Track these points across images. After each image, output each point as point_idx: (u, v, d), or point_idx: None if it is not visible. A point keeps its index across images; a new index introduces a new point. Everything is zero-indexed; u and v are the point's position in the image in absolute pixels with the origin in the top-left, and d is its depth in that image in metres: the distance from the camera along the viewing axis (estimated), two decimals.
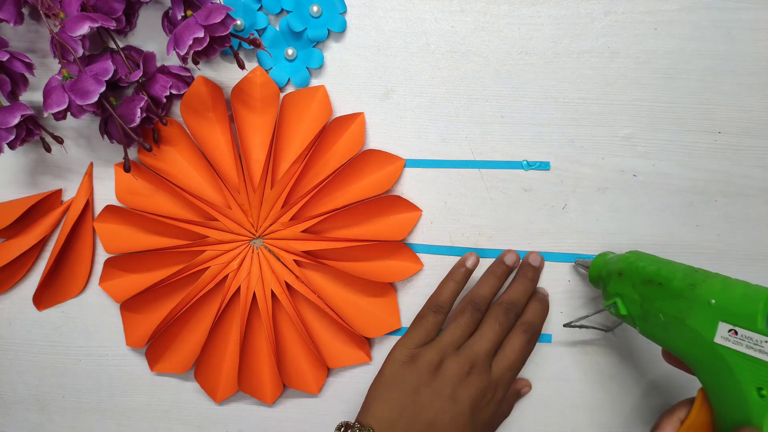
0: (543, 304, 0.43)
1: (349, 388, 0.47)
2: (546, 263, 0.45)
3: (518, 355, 0.40)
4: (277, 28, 0.43)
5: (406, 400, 0.38)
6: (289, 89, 0.44)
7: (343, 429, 0.38)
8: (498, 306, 0.41)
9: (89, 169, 0.46)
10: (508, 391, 0.41)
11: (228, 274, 0.44)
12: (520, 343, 0.40)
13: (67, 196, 0.46)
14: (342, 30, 0.43)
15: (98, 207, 0.45)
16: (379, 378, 0.40)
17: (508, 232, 0.45)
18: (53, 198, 0.46)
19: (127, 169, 0.42)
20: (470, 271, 0.43)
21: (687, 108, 0.43)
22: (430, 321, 0.41)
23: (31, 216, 0.45)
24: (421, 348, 0.40)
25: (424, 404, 0.37)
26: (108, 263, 0.45)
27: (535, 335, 0.41)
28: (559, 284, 0.45)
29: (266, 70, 0.43)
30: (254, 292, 0.44)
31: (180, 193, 0.44)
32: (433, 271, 0.45)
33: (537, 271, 0.44)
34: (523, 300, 0.42)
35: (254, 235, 0.45)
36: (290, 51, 0.43)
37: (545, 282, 0.45)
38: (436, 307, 0.42)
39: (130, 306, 0.46)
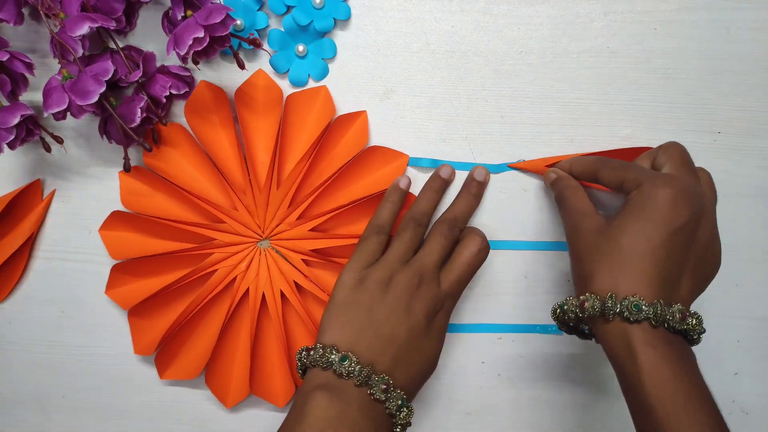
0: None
1: None
2: (545, 264, 0.45)
3: (466, 267, 0.40)
4: (282, 29, 0.43)
5: (363, 320, 0.38)
6: (310, 86, 0.44)
7: (304, 352, 0.37)
8: (441, 222, 0.41)
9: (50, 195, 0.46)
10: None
11: (236, 276, 0.44)
12: (468, 255, 0.40)
13: (66, 197, 0.46)
14: (347, 17, 0.43)
15: (98, 207, 0.45)
16: (332, 305, 0.39)
17: (508, 232, 0.45)
18: (32, 191, 0.45)
19: (127, 169, 0.41)
20: (404, 192, 0.43)
21: (686, 108, 0.43)
22: (374, 242, 0.41)
23: (14, 214, 0.45)
24: (368, 269, 0.40)
25: (380, 320, 0.37)
26: (115, 269, 0.45)
27: (484, 249, 0.41)
28: (559, 285, 0.45)
29: (284, 73, 0.43)
30: (263, 294, 0.44)
31: (185, 195, 0.43)
32: None
33: (482, 186, 0.44)
34: (467, 216, 0.42)
35: (261, 236, 0.44)
36: (300, 48, 0.43)
37: (549, 280, 0.45)
38: (378, 228, 0.41)
39: (137, 312, 0.45)
